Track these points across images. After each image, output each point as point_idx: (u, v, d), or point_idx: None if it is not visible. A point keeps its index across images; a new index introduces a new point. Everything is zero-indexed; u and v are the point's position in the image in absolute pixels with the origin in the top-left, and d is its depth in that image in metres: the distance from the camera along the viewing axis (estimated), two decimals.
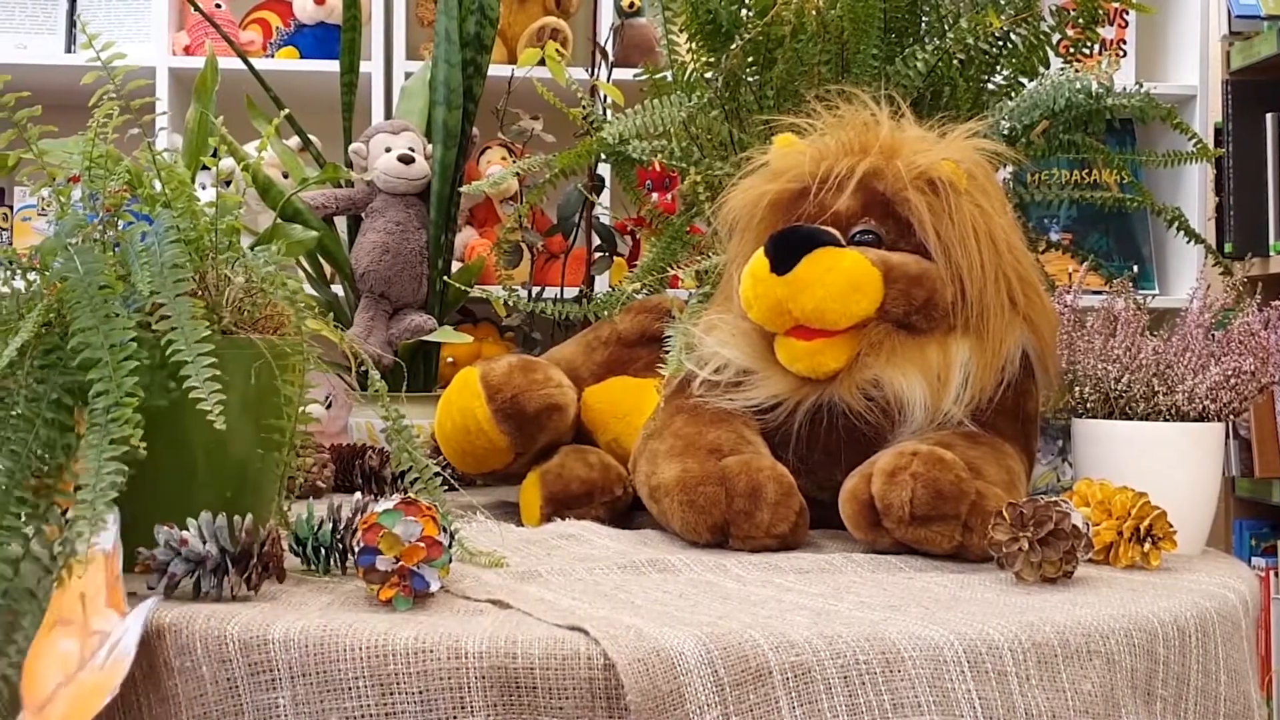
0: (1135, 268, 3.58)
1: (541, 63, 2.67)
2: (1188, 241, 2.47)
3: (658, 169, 3.08)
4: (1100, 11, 2.24)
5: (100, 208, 1.56)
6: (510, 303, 2.38)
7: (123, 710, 1.32)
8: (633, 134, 2.19)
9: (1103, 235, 3.66)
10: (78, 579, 1.32)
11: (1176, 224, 2.42)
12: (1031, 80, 2.24)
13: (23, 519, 1.37)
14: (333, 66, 2.96)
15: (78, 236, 1.50)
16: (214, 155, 2.00)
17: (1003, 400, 1.82)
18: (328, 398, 2.67)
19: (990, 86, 2.25)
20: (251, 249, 1.61)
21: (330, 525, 1.53)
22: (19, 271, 1.51)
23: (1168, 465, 1.84)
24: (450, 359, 3.02)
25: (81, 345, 1.38)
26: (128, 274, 1.47)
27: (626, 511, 2.02)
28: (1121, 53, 3.66)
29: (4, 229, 3.49)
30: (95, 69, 1.58)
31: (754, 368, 1.86)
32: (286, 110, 2.02)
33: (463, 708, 1.22)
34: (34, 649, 1.37)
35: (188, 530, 1.39)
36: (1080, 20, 2.25)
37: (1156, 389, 1.88)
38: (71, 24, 3.55)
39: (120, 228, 1.55)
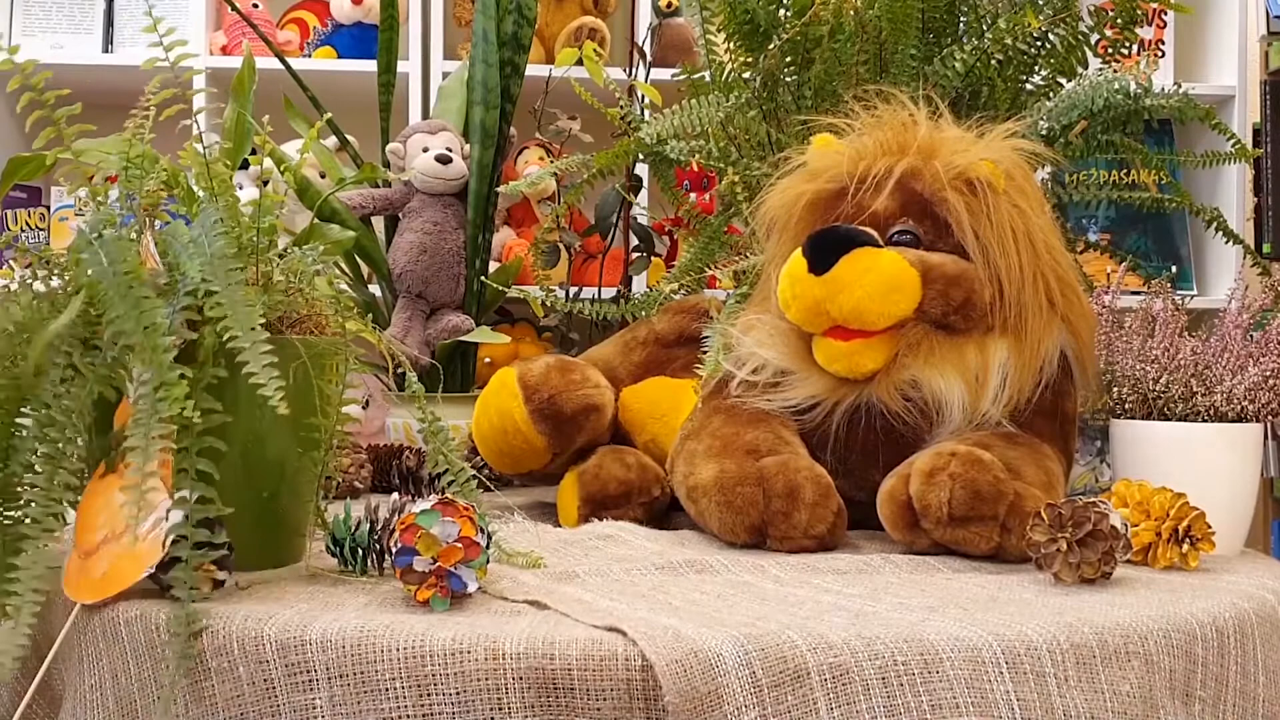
0: (1174, 268, 3.57)
1: (579, 62, 2.66)
2: (1226, 242, 2.46)
3: (695, 169, 3.09)
4: (1139, 12, 2.24)
5: (136, 208, 1.56)
6: (548, 303, 2.38)
7: (159, 710, 1.33)
8: (670, 134, 2.19)
9: (1141, 236, 3.64)
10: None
11: (1215, 224, 2.42)
12: (1070, 80, 2.24)
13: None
14: (370, 66, 2.96)
15: (102, 232, 1.50)
16: (254, 153, 2.00)
17: (1041, 401, 1.81)
18: (365, 398, 2.68)
19: (1028, 87, 2.25)
20: (289, 249, 1.61)
21: (367, 526, 1.53)
22: (54, 272, 1.52)
23: (1206, 466, 1.83)
24: (488, 359, 3.02)
25: (118, 334, 1.38)
26: (174, 266, 1.46)
27: (664, 512, 2.03)
28: (1160, 53, 3.64)
29: (42, 229, 3.50)
30: (134, 69, 1.59)
31: (792, 368, 1.85)
32: (329, 115, 2.01)
33: (500, 708, 1.22)
34: (89, 491, 1.37)
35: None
36: (1119, 20, 2.24)
37: (1195, 390, 1.87)
38: (109, 24, 3.56)
39: (157, 228, 1.55)
